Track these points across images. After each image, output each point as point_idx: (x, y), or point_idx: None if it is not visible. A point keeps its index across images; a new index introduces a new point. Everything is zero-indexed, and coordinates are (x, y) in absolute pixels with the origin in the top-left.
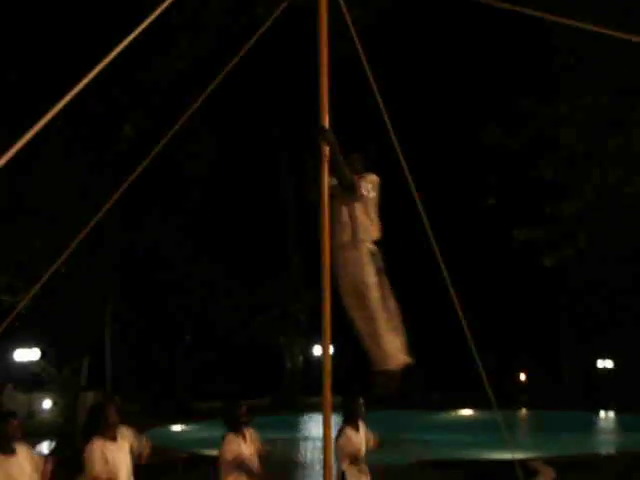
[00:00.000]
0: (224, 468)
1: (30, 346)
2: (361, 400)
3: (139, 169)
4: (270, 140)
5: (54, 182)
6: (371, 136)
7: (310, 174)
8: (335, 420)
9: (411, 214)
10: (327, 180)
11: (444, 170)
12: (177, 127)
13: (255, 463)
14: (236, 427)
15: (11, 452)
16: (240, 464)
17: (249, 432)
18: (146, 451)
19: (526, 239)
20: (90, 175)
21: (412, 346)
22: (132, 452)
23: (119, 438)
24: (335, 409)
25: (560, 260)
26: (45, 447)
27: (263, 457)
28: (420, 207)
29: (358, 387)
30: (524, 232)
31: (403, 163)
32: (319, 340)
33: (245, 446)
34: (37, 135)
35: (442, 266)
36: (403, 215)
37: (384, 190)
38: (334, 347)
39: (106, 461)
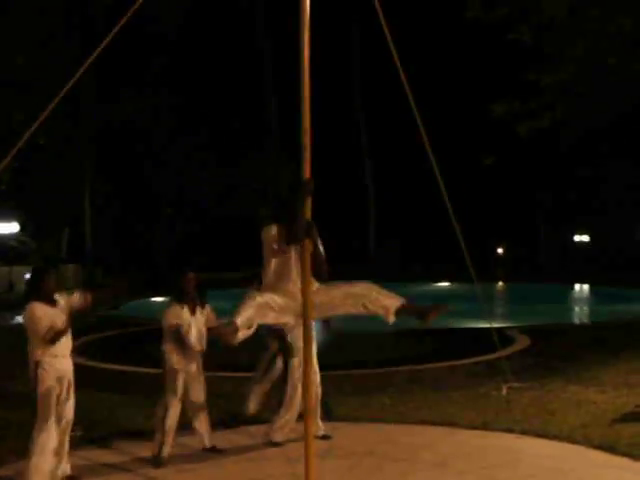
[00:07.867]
0: (165, 335)
1: (9, 220)
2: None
3: (114, 30)
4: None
5: (31, 51)
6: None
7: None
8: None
9: (398, 92)
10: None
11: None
12: None
13: (201, 339)
14: (179, 297)
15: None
16: (175, 334)
17: (206, 309)
18: (87, 298)
19: (504, 112)
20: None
21: (394, 220)
22: (73, 309)
23: (58, 306)
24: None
25: (537, 132)
26: None
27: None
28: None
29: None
30: (502, 105)
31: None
32: None
33: (188, 318)
34: None
35: (426, 142)
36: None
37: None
38: None
39: (48, 321)
